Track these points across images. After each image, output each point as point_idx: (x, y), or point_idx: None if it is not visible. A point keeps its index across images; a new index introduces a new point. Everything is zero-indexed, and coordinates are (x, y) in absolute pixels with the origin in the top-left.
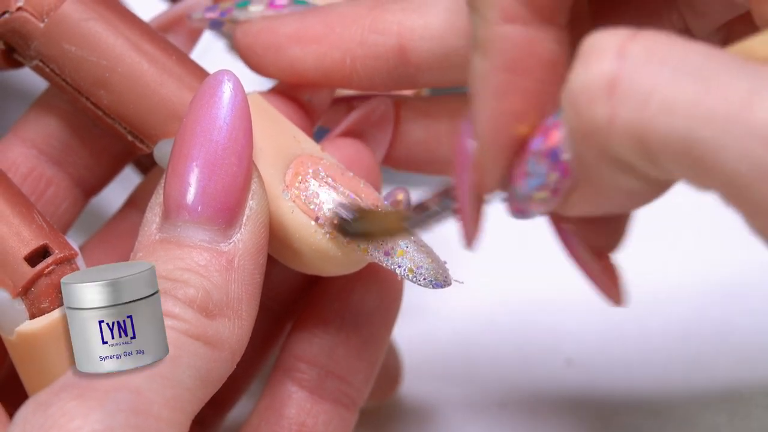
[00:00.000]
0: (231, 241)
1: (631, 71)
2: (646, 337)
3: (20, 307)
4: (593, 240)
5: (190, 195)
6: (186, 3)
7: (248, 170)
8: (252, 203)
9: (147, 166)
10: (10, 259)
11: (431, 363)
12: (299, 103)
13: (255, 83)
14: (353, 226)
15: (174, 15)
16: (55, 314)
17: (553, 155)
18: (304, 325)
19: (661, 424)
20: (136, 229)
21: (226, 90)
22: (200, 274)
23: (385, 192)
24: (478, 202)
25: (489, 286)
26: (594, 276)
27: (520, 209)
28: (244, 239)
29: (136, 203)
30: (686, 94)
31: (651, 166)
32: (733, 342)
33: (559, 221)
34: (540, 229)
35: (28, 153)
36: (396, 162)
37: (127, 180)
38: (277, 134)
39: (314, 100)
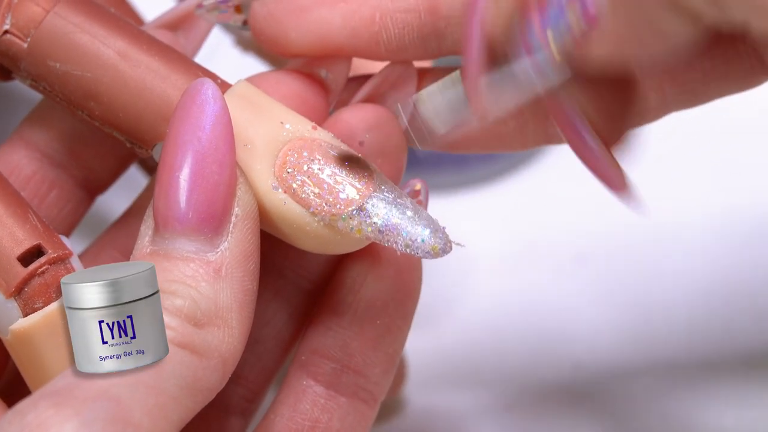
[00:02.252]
0: (218, 250)
1: None
2: (653, 342)
3: (14, 307)
4: (599, 125)
5: (175, 207)
6: (192, 1)
7: (231, 178)
8: (237, 210)
9: (152, 165)
10: (3, 259)
11: (439, 366)
12: (316, 80)
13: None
14: None
15: (181, 12)
16: (48, 309)
17: None
18: (319, 318)
19: (670, 427)
20: (121, 248)
21: (204, 98)
22: (187, 285)
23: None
24: (486, 57)
25: (496, 290)
26: (598, 164)
27: (529, 47)
28: (231, 247)
29: (138, 210)
30: None
31: (709, 5)
32: (740, 344)
33: (565, 106)
34: (547, 232)
35: (30, 156)
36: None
37: (133, 179)
38: (264, 124)
39: (331, 76)
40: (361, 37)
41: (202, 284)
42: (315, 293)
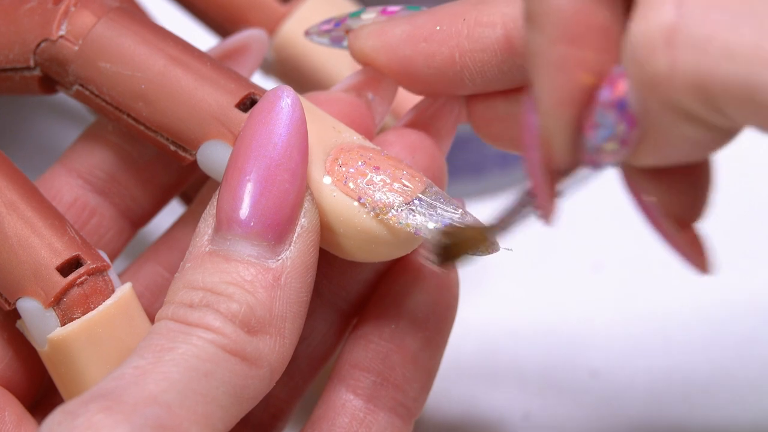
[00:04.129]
0: (279, 258)
1: (690, 18)
2: (670, 350)
3: (52, 317)
4: (676, 209)
5: (241, 209)
6: (241, 36)
7: (301, 188)
8: (303, 221)
9: (192, 197)
10: (42, 269)
11: (455, 374)
12: (362, 102)
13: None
14: (441, 247)
15: (228, 48)
16: (87, 317)
17: (620, 106)
18: (360, 332)
19: None
20: (166, 264)
21: (284, 106)
22: (245, 290)
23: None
24: (551, 176)
25: (513, 298)
26: (679, 247)
27: (592, 161)
28: (293, 257)
29: (182, 226)
30: (745, 39)
31: (715, 114)
32: (757, 355)
33: (640, 194)
34: (565, 240)
35: (73, 183)
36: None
37: (176, 214)
38: (317, 126)
39: (377, 98)
40: (445, 75)
41: (260, 291)
42: (350, 314)
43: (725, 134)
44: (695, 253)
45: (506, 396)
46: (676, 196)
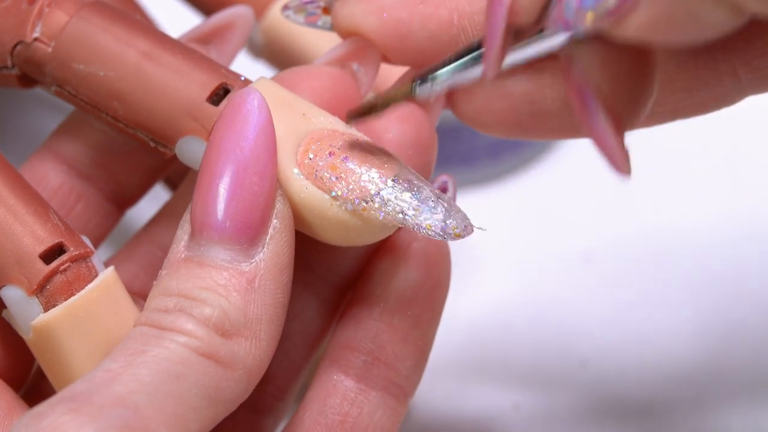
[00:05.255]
0: (253, 261)
1: None
2: (661, 339)
3: (36, 304)
4: (612, 104)
5: (213, 214)
6: (225, 14)
7: (271, 189)
8: (276, 222)
9: (177, 182)
10: (25, 257)
11: (445, 364)
12: (347, 74)
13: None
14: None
15: (213, 26)
16: (69, 302)
17: None
18: (350, 312)
19: (675, 426)
20: (159, 244)
21: (249, 109)
22: (219, 294)
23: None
24: (507, 34)
25: (503, 288)
26: (607, 144)
27: (566, 23)
28: (266, 259)
29: (175, 207)
30: None
31: None
32: (748, 343)
33: (582, 80)
34: (554, 230)
35: (58, 168)
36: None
37: (160, 198)
38: (286, 115)
39: (363, 69)
40: (440, 40)
41: (234, 294)
42: (344, 288)
43: (741, 22)
44: (621, 156)
45: (496, 386)
46: (619, 89)
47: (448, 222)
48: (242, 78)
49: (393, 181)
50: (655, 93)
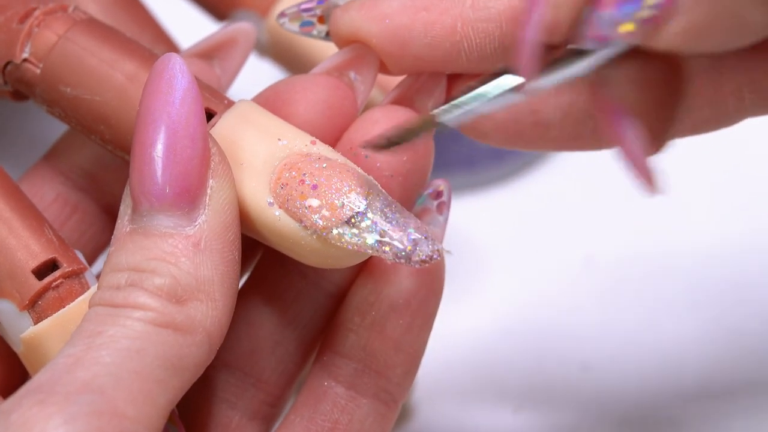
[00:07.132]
0: (196, 223)
1: None
2: (662, 343)
3: (27, 319)
4: (643, 121)
5: (150, 183)
6: (228, 29)
7: (204, 151)
8: (212, 182)
9: None
10: (18, 271)
11: (447, 368)
12: (344, 83)
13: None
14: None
15: (217, 41)
16: (58, 314)
17: None
18: (341, 319)
19: (675, 429)
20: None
21: (172, 74)
22: (167, 261)
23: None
24: (541, 50)
25: (504, 292)
26: (640, 163)
27: (600, 36)
28: (209, 219)
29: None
30: None
31: None
32: (749, 347)
33: (613, 98)
34: (557, 233)
35: (55, 180)
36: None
37: None
38: (261, 142)
39: (360, 78)
40: (442, 47)
41: (182, 259)
42: (338, 296)
43: None
44: (650, 174)
45: (497, 390)
46: (649, 107)
47: (416, 249)
48: (226, 102)
49: (362, 210)
50: (688, 103)
